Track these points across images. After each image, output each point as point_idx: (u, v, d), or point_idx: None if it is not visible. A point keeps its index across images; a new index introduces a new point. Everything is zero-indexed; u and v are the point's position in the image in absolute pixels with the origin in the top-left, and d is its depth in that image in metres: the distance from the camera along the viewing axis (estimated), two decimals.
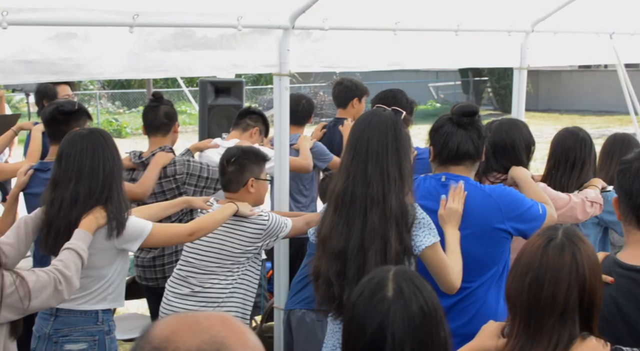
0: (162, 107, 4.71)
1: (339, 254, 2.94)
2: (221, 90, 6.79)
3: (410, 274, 2.14)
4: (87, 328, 3.40)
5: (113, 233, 3.32)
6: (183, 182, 4.58)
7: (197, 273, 3.95)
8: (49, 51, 3.73)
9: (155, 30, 4.05)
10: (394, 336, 1.97)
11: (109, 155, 3.39)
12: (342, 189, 3.01)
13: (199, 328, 1.25)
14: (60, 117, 4.21)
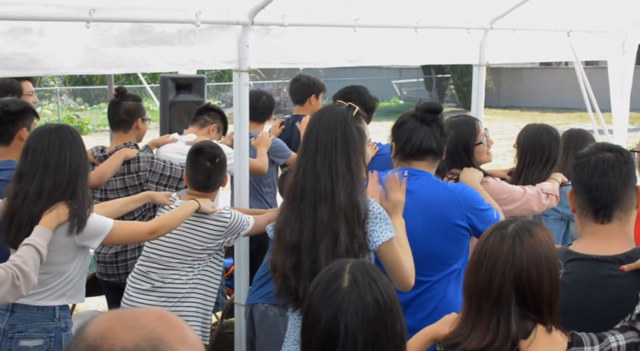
0: (124, 104, 4.68)
1: (293, 248, 2.95)
2: (182, 87, 6.75)
3: (367, 266, 2.15)
4: (43, 325, 3.37)
5: (74, 229, 3.30)
6: (146, 180, 4.57)
7: (157, 269, 3.95)
8: (3, 46, 3.68)
9: (113, 25, 4.01)
10: (347, 326, 1.98)
11: (76, 151, 3.38)
12: (293, 183, 3.01)
13: (135, 324, 1.22)
14: (6, 117, 4.10)
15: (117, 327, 1.21)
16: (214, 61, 4.52)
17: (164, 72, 6.87)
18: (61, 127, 3.51)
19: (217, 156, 4.02)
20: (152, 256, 3.98)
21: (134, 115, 4.72)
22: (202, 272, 3.97)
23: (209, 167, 3.99)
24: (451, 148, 3.79)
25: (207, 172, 3.99)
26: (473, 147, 4.01)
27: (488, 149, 4.09)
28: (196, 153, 4.06)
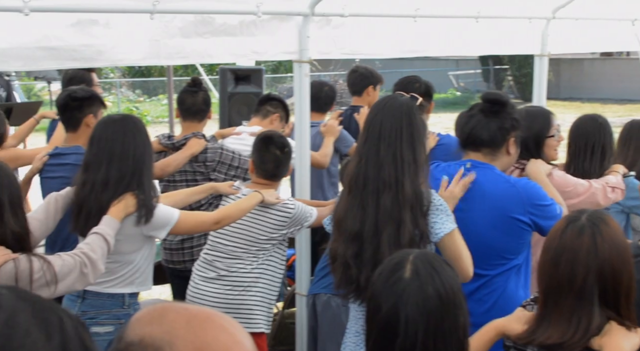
0: (201, 93, 4.74)
1: (354, 236, 2.94)
2: (241, 78, 6.81)
3: (430, 257, 2.14)
4: (113, 311, 3.44)
5: (141, 220, 3.35)
6: (213, 169, 4.61)
7: (223, 258, 4.00)
8: (71, 38, 3.75)
9: (176, 16, 4.06)
10: (407, 317, 1.98)
11: (140, 141, 3.42)
12: (355, 172, 3.01)
13: (160, 319, 1.21)
14: (73, 104, 4.22)
15: (144, 318, 1.23)
16: (275, 52, 4.54)
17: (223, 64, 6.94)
18: (126, 117, 3.58)
19: (285, 145, 4.07)
20: (217, 245, 4.03)
21: (209, 105, 4.78)
22: (267, 261, 4.00)
23: (278, 155, 4.02)
24: (522, 138, 3.72)
25: (277, 161, 4.02)
26: (544, 139, 3.94)
27: (557, 145, 4.02)
28: (265, 141, 4.08)
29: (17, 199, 2.89)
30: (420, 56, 5.52)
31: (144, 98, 25.31)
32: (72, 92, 4.24)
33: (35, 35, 3.65)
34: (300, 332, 4.59)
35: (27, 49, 3.65)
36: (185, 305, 1.28)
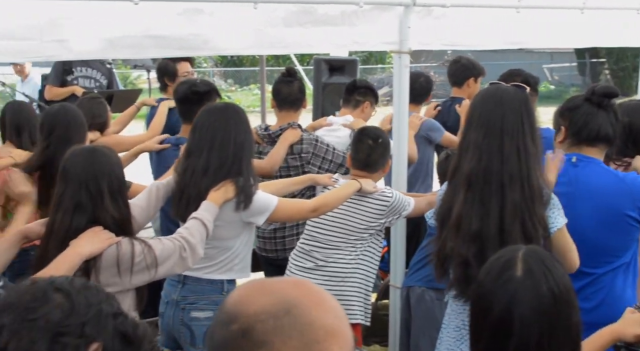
0: (296, 82, 4.77)
1: (475, 235, 2.89)
2: (335, 69, 6.82)
3: (541, 254, 2.09)
4: (212, 297, 3.49)
5: (240, 206, 3.38)
6: (307, 161, 4.62)
7: (321, 248, 4.01)
8: (177, 27, 3.81)
9: (279, 6, 4.09)
10: (521, 316, 1.94)
11: (241, 129, 3.46)
12: (475, 168, 2.94)
13: (269, 290, 1.28)
14: (194, 97, 4.34)
15: (253, 293, 1.29)
16: (376, 42, 4.52)
17: (316, 54, 6.96)
18: (228, 106, 3.63)
19: (379, 136, 4.07)
20: (315, 235, 4.05)
21: (304, 94, 4.81)
22: (364, 252, 4.00)
23: (371, 145, 4.03)
24: (625, 134, 3.60)
25: (369, 150, 4.03)
26: None
27: None
28: (360, 133, 4.16)
29: (117, 186, 2.96)
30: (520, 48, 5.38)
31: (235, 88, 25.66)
32: (193, 85, 4.38)
33: (144, 24, 3.72)
34: (394, 324, 4.57)
35: (135, 38, 3.73)
36: (269, 278, 1.36)
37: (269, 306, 1.25)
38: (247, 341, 1.24)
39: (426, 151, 5.52)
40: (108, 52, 3.79)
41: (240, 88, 25.52)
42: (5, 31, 3.42)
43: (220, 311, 1.30)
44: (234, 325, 1.24)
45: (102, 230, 2.86)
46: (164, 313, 3.58)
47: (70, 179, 2.93)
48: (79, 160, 2.95)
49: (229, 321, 1.26)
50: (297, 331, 1.23)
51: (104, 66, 7.34)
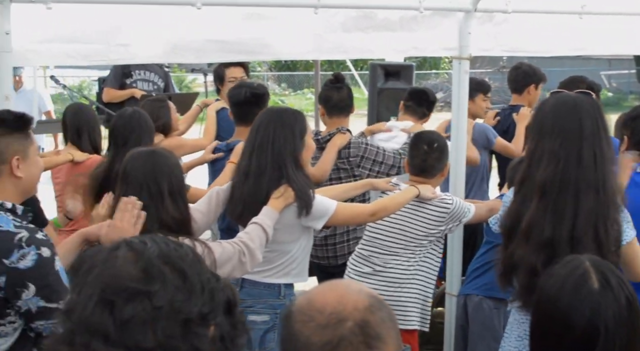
0: (345, 88, 4.77)
1: (546, 243, 2.84)
2: (391, 74, 6.80)
3: (606, 264, 2.09)
4: (269, 301, 3.50)
5: (302, 211, 3.38)
6: (357, 165, 4.62)
7: (380, 253, 4.00)
8: (239, 31, 3.86)
9: (339, 11, 4.10)
10: (607, 329, 1.92)
11: (291, 132, 3.45)
12: (551, 176, 2.89)
13: (355, 288, 1.38)
14: (253, 99, 4.38)
15: (344, 293, 1.35)
16: (435, 48, 4.51)
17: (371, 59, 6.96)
18: (286, 109, 3.65)
19: (435, 141, 4.04)
20: (374, 240, 4.03)
21: (353, 99, 4.80)
22: (424, 258, 3.98)
23: (425, 150, 4.00)
24: None
25: (424, 155, 4.00)
26: None
27: None
28: (416, 138, 4.14)
29: (177, 187, 2.98)
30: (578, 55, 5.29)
31: (288, 92, 25.77)
32: (252, 88, 4.41)
33: (206, 28, 3.77)
34: (449, 332, 4.53)
35: (197, 42, 3.78)
36: (337, 280, 1.39)
37: (369, 301, 1.32)
38: (365, 336, 1.30)
39: (481, 156, 5.46)
40: (171, 56, 3.84)
41: (293, 93, 25.62)
42: (74, 35, 3.50)
43: (314, 315, 1.32)
44: (347, 322, 1.29)
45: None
46: None
47: (130, 181, 2.96)
48: (139, 162, 2.99)
49: (340, 321, 1.29)
50: (392, 322, 1.35)
51: (162, 69, 7.42)
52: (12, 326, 2.50)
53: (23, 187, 2.63)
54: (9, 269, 2.42)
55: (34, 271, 2.44)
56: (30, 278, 2.44)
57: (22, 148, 2.60)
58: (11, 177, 2.58)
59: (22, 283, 2.43)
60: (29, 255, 2.44)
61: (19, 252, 2.43)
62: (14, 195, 2.60)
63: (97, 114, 4.94)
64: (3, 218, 2.51)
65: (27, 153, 2.62)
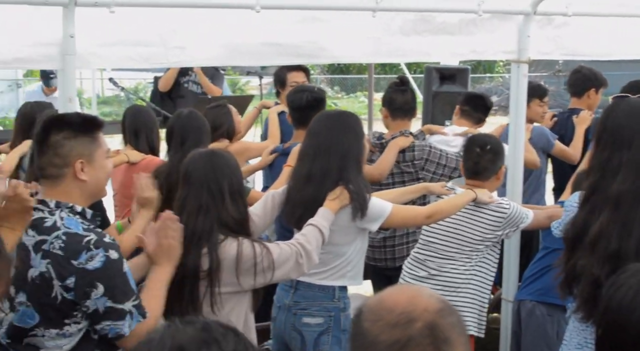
0: (410, 91, 4.75)
1: (613, 255, 2.78)
2: (446, 77, 6.78)
3: None
4: (324, 304, 3.50)
5: (357, 213, 3.38)
6: (421, 168, 4.60)
7: (435, 257, 3.98)
8: (296, 34, 3.86)
9: (397, 14, 4.08)
10: None
11: (354, 136, 3.46)
12: (628, 189, 2.80)
13: (425, 291, 1.41)
14: (314, 103, 4.39)
15: (416, 295, 1.39)
16: (494, 51, 4.46)
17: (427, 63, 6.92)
18: (342, 113, 3.66)
19: (488, 143, 3.99)
20: (430, 244, 4.01)
21: (416, 103, 4.78)
22: (479, 263, 3.94)
23: (478, 152, 3.96)
24: None
25: (476, 158, 3.96)
26: None
27: None
28: (469, 140, 4.11)
29: (236, 187, 3.03)
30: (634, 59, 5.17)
31: (341, 95, 25.77)
32: (313, 92, 4.43)
33: (264, 31, 3.78)
34: (505, 339, 4.48)
35: (255, 45, 3.80)
36: (407, 284, 1.42)
37: (440, 305, 1.36)
38: (434, 338, 1.32)
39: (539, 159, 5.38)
40: (228, 59, 3.87)
41: (346, 96, 25.60)
42: (135, 38, 3.55)
43: (383, 314, 1.33)
44: (417, 323, 1.31)
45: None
46: (276, 318, 3.62)
47: (192, 182, 3.01)
48: (200, 163, 3.03)
49: (409, 321, 1.30)
50: (462, 328, 1.39)
51: (217, 72, 7.50)
52: (76, 327, 2.54)
53: (89, 190, 2.66)
54: (78, 270, 2.47)
55: (102, 272, 2.48)
56: (98, 279, 2.48)
57: (87, 151, 2.61)
58: (75, 180, 2.60)
59: (90, 283, 2.47)
60: (97, 257, 2.48)
61: (87, 254, 2.47)
62: (80, 198, 2.63)
63: (155, 116, 4.98)
64: (72, 221, 2.55)
65: (93, 156, 2.63)
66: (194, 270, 2.92)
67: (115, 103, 20.45)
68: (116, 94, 20.07)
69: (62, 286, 2.48)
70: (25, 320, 2.54)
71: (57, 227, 2.52)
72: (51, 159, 2.58)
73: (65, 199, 2.59)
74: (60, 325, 2.53)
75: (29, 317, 2.54)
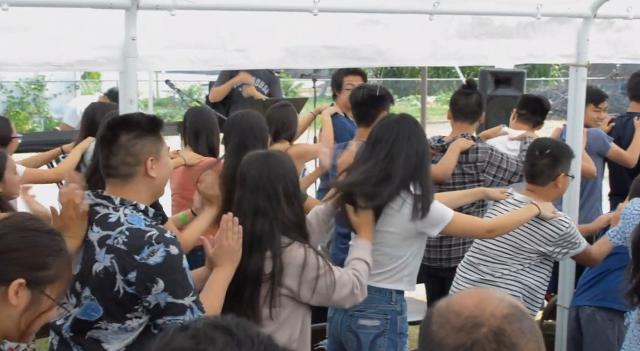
0: (475, 95, 4.71)
1: None
2: (501, 81, 6.71)
3: None
4: (380, 306, 3.49)
5: (417, 214, 3.37)
6: (482, 170, 4.56)
7: (488, 262, 3.94)
8: (354, 38, 3.88)
9: (454, 18, 4.07)
10: None
11: (416, 141, 3.45)
12: None
13: (496, 295, 1.39)
14: (369, 100, 4.39)
15: (484, 299, 1.37)
16: (552, 55, 4.42)
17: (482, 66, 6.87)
18: (404, 118, 3.62)
19: (548, 147, 3.92)
20: (483, 249, 3.97)
21: (482, 108, 4.75)
22: (533, 271, 3.87)
23: (536, 155, 3.91)
24: None
25: (534, 160, 3.91)
26: None
27: None
28: (532, 144, 4.07)
29: (292, 189, 3.03)
30: None
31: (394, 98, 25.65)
32: (369, 89, 4.43)
33: (322, 34, 3.81)
34: (560, 345, 4.43)
35: (313, 48, 3.82)
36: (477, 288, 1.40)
37: (509, 310, 1.33)
38: (499, 344, 1.32)
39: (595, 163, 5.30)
40: (286, 62, 3.89)
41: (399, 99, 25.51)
42: (195, 41, 3.60)
43: (450, 317, 1.34)
44: (483, 328, 1.31)
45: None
46: (332, 318, 3.62)
47: (247, 183, 3.03)
48: (255, 164, 3.05)
49: (475, 325, 1.31)
50: (533, 335, 1.35)
51: (270, 75, 7.52)
52: (137, 322, 2.59)
53: (155, 187, 2.72)
54: (140, 264, 2.52)
55: (163, 267, 2.52)
56: (159, 274, 2.52)
57: (155, 149, 2.67)
58: (145, 178, 2.66)
59: (151, 278, 2.52)
60: (158, 252, 2.52)
61: (148, 249, 2.52)
62: (146, 196, 2.69)
63: (216, 117, 5.01)
64: (135, 217, 2.61)
65: (160, 154, 2.69)
66: (256, 273, 2.92)
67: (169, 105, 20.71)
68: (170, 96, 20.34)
69: (125, 280, 2.53)
70: (90, 313, 2.60)
71: (120, 223, 2.58)
72: (124, 158, 2.64)
73: (132, 197, 2.64)
74: (122, 319, 2.58)
75: (93, 310, 2.60)
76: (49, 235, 1.90)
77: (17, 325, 1.84)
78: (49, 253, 1.85)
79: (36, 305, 1.84)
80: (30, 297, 1.84)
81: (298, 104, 7.19)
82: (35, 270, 1.83)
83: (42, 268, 1.84)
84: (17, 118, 16.55)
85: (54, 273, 1.87)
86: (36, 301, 1.84)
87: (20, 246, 1.83)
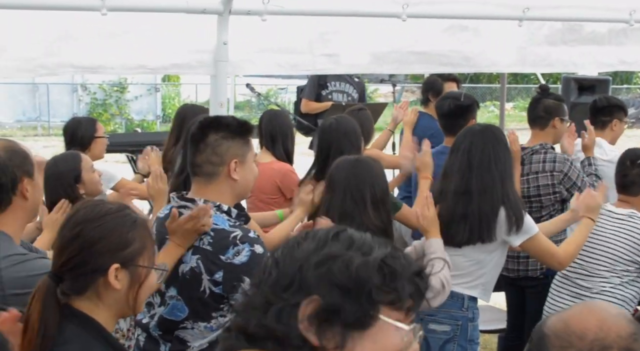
0: (545, 101, 4.62)
1: None
2: (585, 88, 6.58)
3: None
4: (451, 312, 3.43)
5: (513, 228, 3.34)
6: (559, 181, 4.46)
7: (585, 276, 3.85)
8: (441, 43, 3.88)
9: (544, 24, 4.03)
10: None
11: (499, 151, 3.40)
12: None
13: (615, 314, 1.34)
14: (457, 110, 4.34)
15: (607, 317, 1.33)
16: None
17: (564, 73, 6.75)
18: (487, 128, 3.55)
19: (639, 157, 3.83)
20: (579, 262, 3.88)
21: (552, 114, 4.63)
22: (630, 285, 3.77)
23: (627, 165, 3.83)
24: None
25: (625, 170, 3.83)
26: None
27: None
28: (623, 153, 3.95)
29: (380, 195, 3.04)
30: None
31: None
32: (457, 98, 4.38)
33: (409, 39, 3.81)
34: None
35: (400, 53, 3.84)
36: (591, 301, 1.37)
37: (631, 328, 1.30)
38: None
39: None
40: (373, 67, 3.91)
41: None
42: (284, 45, 3.65)
43: (574, 341, 1.31)
44: (611, 350, 1.26)
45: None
46: None
47: (335, 188, 3.06)
48: (343, 169, 3.08)
49: (603, 347, 1.28)
50: None
51: (355, 80, 7.53)
52: (223, 320, 2.63)
53: (238, 190, 2.74)
54: (226, 264, 2.55)
55: (249, 266, 2.54)
56: (245, 273, 2.54)
57: (241, 152, 2.69)
58: (228, 179, 2.69)
59: (238, 277, 2.54)
60: (243, 252, 2.55)
61: (234, 249, 2.56)
62: (229, 197, 2.72)
63: (291, 121, 5.04)
64: (219, 218, 2.65)
65: (246, 158, 2.71)
66: None
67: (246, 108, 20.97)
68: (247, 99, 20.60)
69: (211, 280, 2.57)
70: (176, 313, 2.65)
71: None
72: (209, 157, 2.67)
73: (215, 197, 2.68)
74: (208, 318, 2.62)
75: (179, 310, 2.65)
76: (118, 212, 1.95)
77: (127, 302, 1.92)
78: (127, 230, 1.91)
79: (136, 278, 1.91)
80: (129, 275, 1.90)
81: (379, 109, 7.18)
82: (122, 250, 1.89)
83: (127, 246, 1.90)
84: (100, 119, 16.91)
85: (139, 245, 1.92)
86: (135, 276, 1.91)
87: (101, 235, 1.89)
